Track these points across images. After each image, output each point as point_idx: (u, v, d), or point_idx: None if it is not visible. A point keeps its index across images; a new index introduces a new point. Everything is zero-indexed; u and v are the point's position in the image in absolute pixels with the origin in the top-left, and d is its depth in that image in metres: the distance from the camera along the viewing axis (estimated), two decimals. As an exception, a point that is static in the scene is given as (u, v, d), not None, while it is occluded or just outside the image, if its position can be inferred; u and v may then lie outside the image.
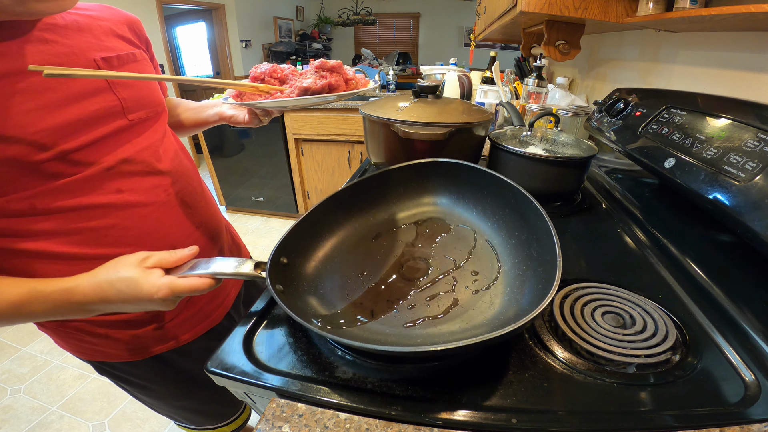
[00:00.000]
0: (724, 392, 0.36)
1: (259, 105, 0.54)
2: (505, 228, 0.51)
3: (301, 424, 0.33)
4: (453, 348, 0.29)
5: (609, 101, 0.87)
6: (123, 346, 0.57)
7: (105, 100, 0.47)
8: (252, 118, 0.62)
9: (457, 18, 5.89)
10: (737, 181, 0.45)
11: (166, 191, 0.54)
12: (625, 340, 0.41)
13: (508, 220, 0.51)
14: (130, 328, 0.56)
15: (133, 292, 0.41)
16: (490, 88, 1.41)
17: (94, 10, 0.51)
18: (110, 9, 0.54)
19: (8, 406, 1.40)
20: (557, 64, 1.76)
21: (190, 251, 0.45)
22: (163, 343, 0.60)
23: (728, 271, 0.50)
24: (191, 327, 0.62)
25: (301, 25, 6.21)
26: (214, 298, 0.66)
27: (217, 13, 4.49)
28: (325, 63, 0.54)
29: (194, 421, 0.76)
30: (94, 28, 0.49)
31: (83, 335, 0.54)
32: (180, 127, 0.70)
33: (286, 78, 0.56)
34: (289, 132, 2.38)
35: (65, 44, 0.44)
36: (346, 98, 0.55)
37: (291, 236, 0.48)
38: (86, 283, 0.42)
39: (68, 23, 0.46)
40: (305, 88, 0.52)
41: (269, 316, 0.46)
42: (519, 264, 0.46)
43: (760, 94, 0.59)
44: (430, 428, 0.32)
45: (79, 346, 0.57)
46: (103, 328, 0.54)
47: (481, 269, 0.48)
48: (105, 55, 0.48)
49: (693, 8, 0.61)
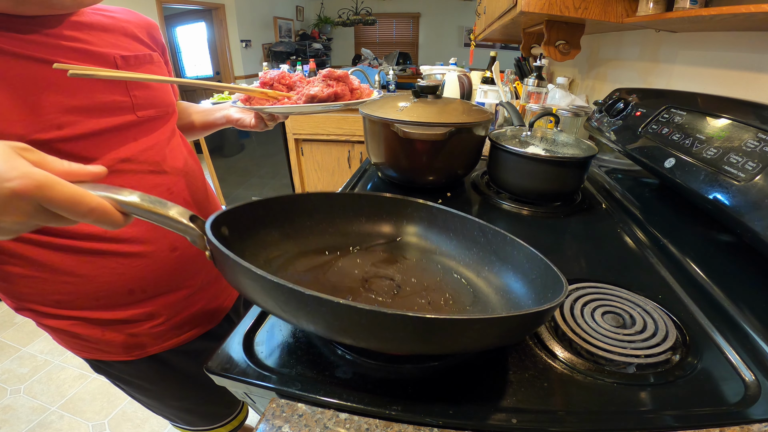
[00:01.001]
0: (724, 392, 0.36)
1: (267, 110, 0.56)
2: (473, 264, 0.48)
3: (301, 424, 0.33)
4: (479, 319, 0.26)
5: (609, 101, 0.87)
6: (119, 344, 0.57)
7: (117, 93, 0.49)
8: (258, 122, 0.63)
9: (457, 18, 5.89)
10: (737, 181, 0.45)
11: (169, 190, 0.55)
12: (625, 340, 0.41)
13: (476, 258, 0.48)
14: (125, 327, 0.56)
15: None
16: (490, 88, 1.41)
17: (116, 12, 0.54)
18: (132, 12, 0.56)
19: (8, 406, 1.40)
20: (557, 64, 1.76)
21: (93, 169, 0.31)
22: (159, 343, 0.60)
23: (728, 271, 0.50)
24: (190, 328, 0.62)
25: (301, 25, 6.21)
26: (215, 299, 0.66)
27: (217, 13, 4.49)
28: (332, 72, 0.57)
29: (190, 421, 0.76)
30: (117, 28, 0.52)
31: (79, 333, 0.54)
32: (191, 128, 0.72)
33: (294, 85, 0.58)
34: (289, 132, 2.38)
35: (89, 41, 0.47)
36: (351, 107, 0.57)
37: (243, 210, 0.42)
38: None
39: (93, 22, 0.48)
40: (312, 96, 0.54)
41: (269, 316, 0.46)
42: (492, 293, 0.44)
43: (760, 94, 0.59)
44: (430, 428, 0.32)
45: (77, 344, 0.57)
46: (99, 327, 0.54)
47: (454, 294, 0.45)
48: (124, 54, 0.51)
49: (693, 8, 0.61)
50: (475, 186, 0.85)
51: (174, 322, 0.60)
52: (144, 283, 0.54)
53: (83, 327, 0.54)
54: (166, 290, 0.57)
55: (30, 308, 0.53)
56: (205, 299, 0.64)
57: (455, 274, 0.48)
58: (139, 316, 0.56)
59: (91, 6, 0.48)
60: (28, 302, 0.52)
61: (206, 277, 0.63)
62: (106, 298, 0.52)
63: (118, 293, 0.53)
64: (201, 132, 0.73)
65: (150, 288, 0.55)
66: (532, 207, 0.74)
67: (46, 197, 0.25)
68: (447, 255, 0.50)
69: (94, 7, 0.50)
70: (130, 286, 0.53)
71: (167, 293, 0.57)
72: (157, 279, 0.55)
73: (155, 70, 0.56)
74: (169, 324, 0.59)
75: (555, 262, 0.38)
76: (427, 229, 0.53)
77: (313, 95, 0.53)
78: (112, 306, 0.53)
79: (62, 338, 0.57)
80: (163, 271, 0.55)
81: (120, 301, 0.53)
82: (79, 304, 0.52)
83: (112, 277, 0.51)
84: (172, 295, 0.58)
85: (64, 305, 0.52)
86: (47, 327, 0.56)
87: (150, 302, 0.56)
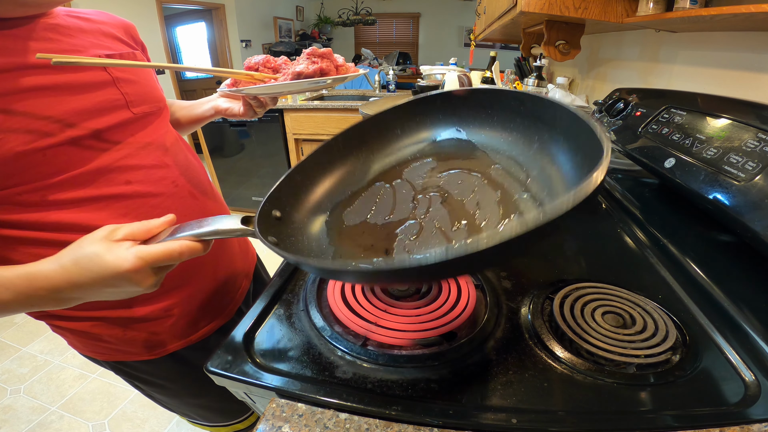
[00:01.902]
0: (724, 392, 0.36)
1: (252, 91, 0.55)
2: (521, 138, 0.43)
3: (301, 424, 0.33)
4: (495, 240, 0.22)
5: (609, 101, 0.87)
6: (140, 344, 0.57)
7: (109, 93, 0.49)
8: (247, 109, 0.63)
9: (457, 18, 5.89)
10: (737, 181, 0.45)
11: (174, 182, 0.56)
12: (625, 340, 0.41)
13: (522, 129, 0.43)
14: (145, 325, 0.56)
15: (99, 269, 0.36)
16: (490, 88, 1.41)
17: (92, 14, 0.54)
18: (107, 14, 0.56)
19: (8, 406, 1.40)
20: (557, 64, 1.76)
21: (164, 219, 0.40)
22: (179, 340, 0.60)
23: (728, 271, 0.50)
24: (206, 323, 0.63)
25: (301, 25, 6.21)
26: (226, 293, 0.66)
27: (217, 13, 4.49)
28: (315, 50, 0.56)
29: (209, 418, 0.76)
30: (94, 30, 0.51)
31: (100, 334, 0.54)
32: (177, 125, 0.71)
33: (279, 68, 0.57)
34: (289, 132, 2.38)
35: (68, 42, 0.46)
36: (337, 83, 0.55)
37: (283, 187, 0.45)
38: (49, 266, 0.38)
39: (70, 25, 0.48)
40: (298, 73, 0.53)
41: (269, 315, 0.47)
42: (548, 165, 0.39)
43: (760, 94, 0.59)
44: (430, 428, 0.32)
45: (98, 347, 0.57)
46: (120, 327, 0.54)
47: (505, 184, 0.42)
48: (107, 53, 0.51)
49: (693, 8, 0.61)
50: (475, 186, 0.85)
51: (190, 317, 0.60)
52: None
53: (104, 327, 0.54)
54: (180, 283, 0.57)
55: (47, 312, 0.52)
56: (218, 293, 0.64)
57: (507, 155, 0.44)
58: (157, 312, 0.56)
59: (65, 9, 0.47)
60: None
61: (217, 270, 0.63)
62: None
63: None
64: (189, 127, 0.73)
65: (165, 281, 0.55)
66: (532, 207, 0.74)
67: (148, 263, 0.35)
68: (490, 136, 0.47)
69: (68, 10, 0.50)
70: None
71: (181, 287, 0.57)
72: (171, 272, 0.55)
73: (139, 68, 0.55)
74: (185, 319, 0.59)
75: (555, 262, 0.38)
76: (462, 119, 0.49)
77: (299, 72, 0.53)
78: (130, 303, 0.53)
79: (82, 341, 0.56)
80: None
81: (138, 298, 0.53)
82: (98, 303, 0.52)
83: None
84: (186, 289, 0.58)
85: (83, 306, 0.51)
86: (65, 330, 0.55)
87: (166, 297, 0.56)
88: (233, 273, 0.68)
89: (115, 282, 0.36)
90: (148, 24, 3.50)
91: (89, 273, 0.36)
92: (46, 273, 0.37)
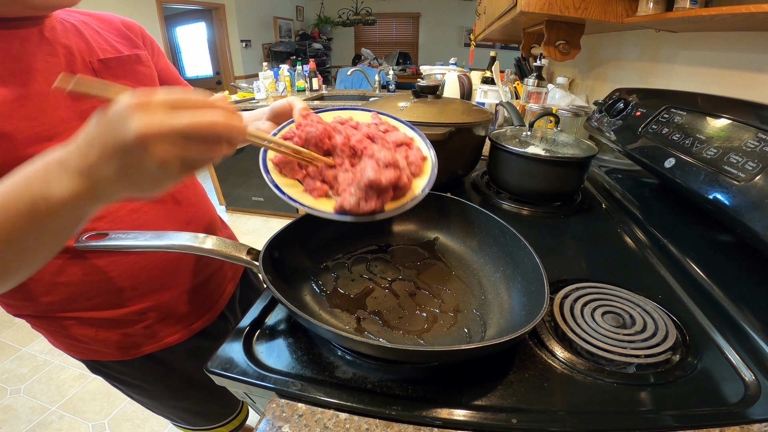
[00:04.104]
0: (724, 392, 0.36)
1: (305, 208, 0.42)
2: (491, 262, 0.52)
3: (301, 424, 0.33)
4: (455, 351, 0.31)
5: (609, 101, 0.87)
6: (113, 344, 0.57)
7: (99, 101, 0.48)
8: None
9: (457, 18, 5.89)
10: (737, 181, 0.45)
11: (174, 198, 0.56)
12: (625, 340, 0.41)
13: (495, 256, 0.52)
14: (119, 327, 0.56)
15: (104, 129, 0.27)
16: (490, 88, 1.41)
17: (94, 16, 0.53)
18: (109, 15, 0.56)
19: (8, 406, 1.40)
20: (557, 64, 1.76)
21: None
22: (154, 342, 0.60)
23: (728, 271, 0.50)
24: (184, 326, 0.62)
25: (301, 25, 6.21)
26: (208, 297, 0.66)
27: (217, 13, 4.49)
28: (378, 183, 0.38)
29: (190, 421, 0.76)
30: (93, 32, 0.51)
31: (74, 334, 0.54)
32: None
33: (334, 149, 0.43)
34: (289, 132, 2.38)
35: (65, 45, 0.46)
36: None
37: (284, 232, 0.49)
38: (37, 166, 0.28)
39: (68, 27, 0.48)
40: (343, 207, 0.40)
41: (269, 316, 0.46)
42: (502, 293, 0.47)
43: (760, 94, 0.59)
44: (430, 428, 0.32)
45: (73, 345, 0.57)
46: (93, 327, 0.54)
47: (462, 297, 0.49)
48: (103, 57, 0.50)
49: (693, 8, 0.61)
50: (475, 186, 0.85)
51: (167, 320, 0.60)
52: (135, 281, 0.54)
53: (77, 327, 0.54)
54: (158, 288, 0.57)
55: (25, 313, 0.53)
56: (199, 297, 0.64)
57: (473, 270, 0.53)
58: (131, 315, 0.56)
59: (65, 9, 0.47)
60: (23, 306, 0.52)
61: (199, 275, 0.63)
62: (98, 297, 0.52)
63: (110, 292, 0.53)
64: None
65: (141, 286, 0.55)
66: (532, 207, 0.74)
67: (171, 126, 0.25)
68: (472, 251, 0.56)
69: (68, 10, 0.49)
70: (121, 284, 0.53)
71: (159, 291, 0.57)
72: (148, 277, 0.55)
73: (143, 70, 0.55)
74: (162, 323, 0.59)
75: (555, 262, 0.38)
76: (456, 228, 0.59)
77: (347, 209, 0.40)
78: (104, 305, 0.53)
79: (58, 340, 0.57)
80: (153, 269, 0.55)
81: (112, 301, 0.53)
82: (72, 305, 0.52)
83: (102, 276, 0.51)
84: (164, 293, 0.58)
85: (57, 306, 0.51)
86: (43, 330, 0.56)
87: (142, 300, 0.56)
88: (218, 277, 0.68)
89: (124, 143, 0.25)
90: (148, 24, 3.51)
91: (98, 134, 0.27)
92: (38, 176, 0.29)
